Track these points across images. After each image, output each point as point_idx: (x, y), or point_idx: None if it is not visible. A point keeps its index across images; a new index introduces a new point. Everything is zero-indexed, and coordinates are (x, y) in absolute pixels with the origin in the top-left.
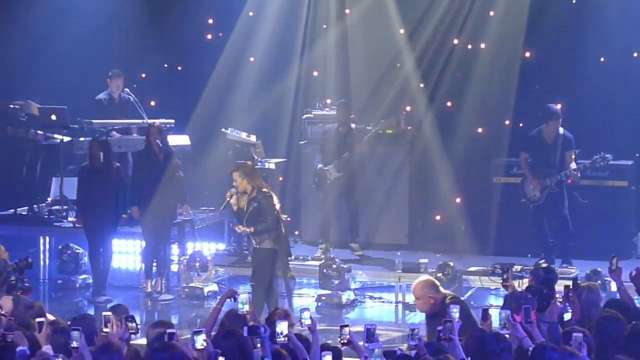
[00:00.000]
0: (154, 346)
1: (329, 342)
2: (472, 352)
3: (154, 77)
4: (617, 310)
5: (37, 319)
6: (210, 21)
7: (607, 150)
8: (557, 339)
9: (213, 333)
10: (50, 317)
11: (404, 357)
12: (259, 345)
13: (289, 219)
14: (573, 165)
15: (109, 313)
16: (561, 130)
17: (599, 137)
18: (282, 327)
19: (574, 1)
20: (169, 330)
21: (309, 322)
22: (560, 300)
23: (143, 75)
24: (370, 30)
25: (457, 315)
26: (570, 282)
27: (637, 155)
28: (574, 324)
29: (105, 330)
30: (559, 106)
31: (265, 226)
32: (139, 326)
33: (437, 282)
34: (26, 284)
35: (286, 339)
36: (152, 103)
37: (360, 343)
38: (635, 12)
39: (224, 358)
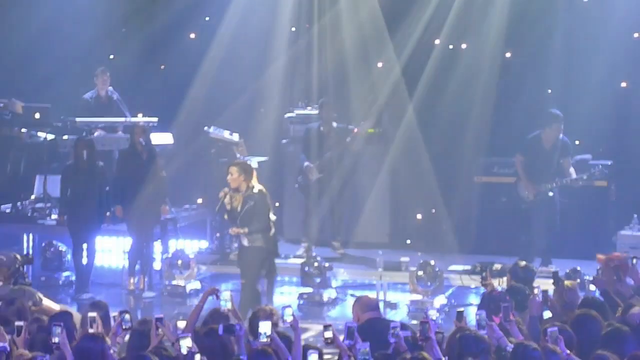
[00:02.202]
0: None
1: (311, 338)
2: (452, 351)
3: (137, 75)
4: (593, 308)
5: (17, 323)
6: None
7: (585, 150)
8: (537, 333)
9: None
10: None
11: (383, 356)
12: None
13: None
14: (573, 173)
15: (95, 314)
16: (560, 135)
17: (580, 136)
18: (264, 327)
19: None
20: (157, 316)
21: (290, 319)
22: (539, 295)
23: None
24: (353, 29)
25: (434, 318)
26: (550, 281)
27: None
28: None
29: (90, 331)
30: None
31: (259, 226)
32: (132, 322)
33: (370, 302)
34: (27, 279)
35: (269, 339)
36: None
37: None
38: (617, 11)
39: (201, 356)
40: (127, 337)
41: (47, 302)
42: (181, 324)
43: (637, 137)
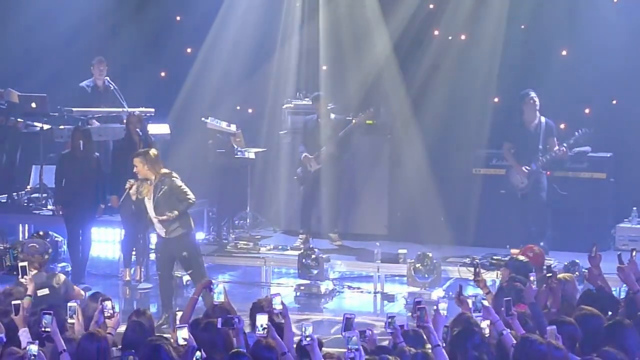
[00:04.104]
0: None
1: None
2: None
3: (134, 65)
4: (592, 302)
5: (14, 302)
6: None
7: (585, 142)
8: (539, 317)
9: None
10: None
11: (380, 348)
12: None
13: None
14: (556, 148)
15: (74, 304)
16: (543, 119)
17: (580, 127)
18: (261, 320)
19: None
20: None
21: (280, 307)
22: (535, 284)
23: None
24: (351, 21)
25: (444, 312)
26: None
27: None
28: (555, 312)
29: (70, 321)
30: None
31: (186, 204)
32: (114, 309)
33: None
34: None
35: (265, 331)
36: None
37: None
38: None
39: (201, 351)
40: (121, 328)
41: (76, 289)
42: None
43: (636, 129)
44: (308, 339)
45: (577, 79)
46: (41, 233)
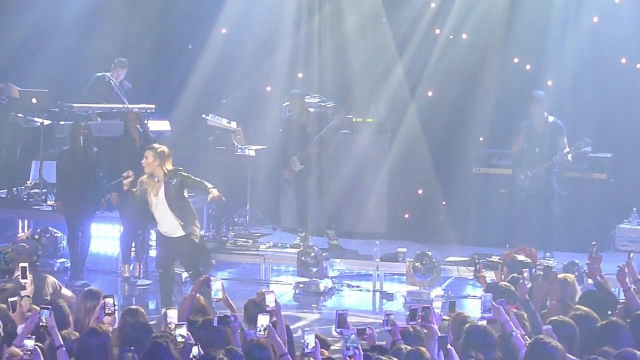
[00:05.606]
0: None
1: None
2: (456, 342)
3: (137, 61)
4: (592, 302)
5: (10, 299)
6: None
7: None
8: (533, 315)
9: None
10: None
11: (375, 348)
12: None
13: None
14: (566, 150)
15: (47, 309)
16: (550, 118)
17: (581, 128)
18: (262, 320)
19: None
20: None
21: (273, 304)
22: (527, 280)
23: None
24: (352, 18)
25: (438, 310)
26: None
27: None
28: (555, 304)
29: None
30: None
31: (209, 183)
32: (115, 307)
33: None
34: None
35: (266, 332)
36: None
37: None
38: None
39: (199, 348)
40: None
41: (64, 290)
42: (172, 313)
43: (637, 129)
44: (311, 347)
45: (577, 79)
46: (37, 237)
